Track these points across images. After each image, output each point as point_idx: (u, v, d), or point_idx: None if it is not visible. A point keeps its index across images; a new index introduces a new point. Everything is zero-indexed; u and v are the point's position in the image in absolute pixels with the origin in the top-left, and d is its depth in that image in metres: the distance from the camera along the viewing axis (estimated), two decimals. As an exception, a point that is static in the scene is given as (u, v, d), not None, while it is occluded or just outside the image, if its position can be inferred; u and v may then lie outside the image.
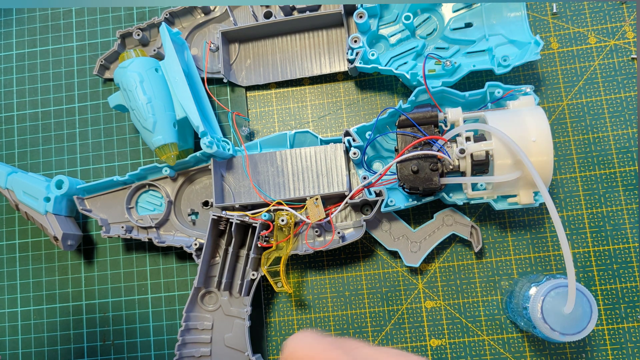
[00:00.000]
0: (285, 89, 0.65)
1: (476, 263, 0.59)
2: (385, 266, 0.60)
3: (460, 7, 0.59)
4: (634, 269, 0.56)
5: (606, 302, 0.56)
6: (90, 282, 0.63)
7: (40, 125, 0.67)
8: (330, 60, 0.63)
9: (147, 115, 0.55)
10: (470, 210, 0.59)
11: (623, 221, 0.57)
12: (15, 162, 0.66)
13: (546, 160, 0.48)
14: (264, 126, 0.64)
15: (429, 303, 0.59)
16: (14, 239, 0.65)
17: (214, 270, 0.58)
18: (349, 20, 0.62)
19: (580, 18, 0.62)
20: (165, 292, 0.62)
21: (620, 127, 0.59)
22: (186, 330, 0.57)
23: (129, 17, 0.68)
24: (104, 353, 0.61)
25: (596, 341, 0.56)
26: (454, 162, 0.50)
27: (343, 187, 0.56)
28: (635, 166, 0.58)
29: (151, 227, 0.59)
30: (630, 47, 0.60)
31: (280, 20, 0.61)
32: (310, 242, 0.57)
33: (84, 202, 0.60)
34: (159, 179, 0.60)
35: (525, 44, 0.56)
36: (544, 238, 0.58)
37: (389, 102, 0.63)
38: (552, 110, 0.60)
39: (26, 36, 0.69)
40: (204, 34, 0.65)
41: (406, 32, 0.60)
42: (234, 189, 0.59)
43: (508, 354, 0.56)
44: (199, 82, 0.62)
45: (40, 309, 0.63)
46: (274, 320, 0.60)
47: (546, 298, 0.47)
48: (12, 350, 0.62)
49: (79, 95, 0.67)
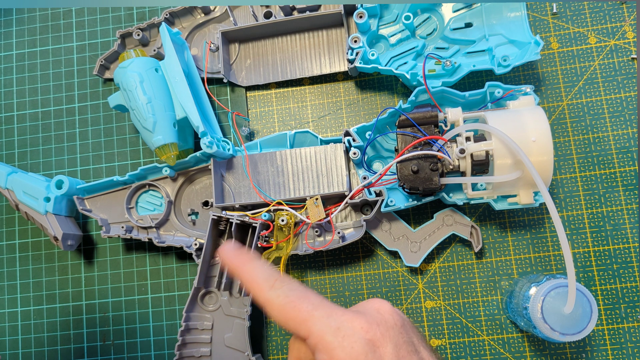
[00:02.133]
0: (285, 89, 0.65)
1: (476, 263, 0.59)
2: (385, 266, 0.60)
3: (460, 7, 0.59)
4: (634, 269, 0.56)
5: (606, 302, 0.56)
6: (90, 282, 0.63)
7: (40, 125, 0.67)
8: (330, 60, 0.63)
9: (147, 115, 0.55)
10: (470, 210, 0.59)
11: (623, 221, 0.57)
12: (15, 162, 0.66)
13: (546, 160, 0.48)
14: (264, 126, 0.64)
15: (429, 303, 0.59)
16: (14, 239, 0.65)
17: (214, 270, 0.58)
18: (349, 20, 0.62)
19: (580, 18, 0.62)
20: (165, 292, 0.62)
21: (620, 127, 0.59)
22: (186, 330, 0.57)
23: (129, 17, 0.68)
24: (104, 353, 0.61)
25: (596, 341, 0.56)
26: (454, 162, 0.50)
27: (343, 187, 0.56)
28: (635, 166, 0.58)
29: (151, 227, 0.59)
30: (630, 47, 0.60)
31: (280, 20, 0.61)
32: (310, 242, 0.57)
33: (84, 202, 0.60)
34: (159, 179, 0.60)
35: (525, 44, 0.56)
36: (544, 238, 0.58)
37: (389, 102, 0.63)
38: (552, 110, 0.60)
39: (26, 36, 0.69)
40: (204, 34, 0.65)
41: (406, 32, 0.60)
42: (234, 189, 0.59)
43: (508, 354, 0.56)
44: (199, 82, 0.62)
45: (40, 309, 0.63)
46: (274, 320, 0.60)
47: (546, 298, 0.47)
48: (12, 350, 0.62)
49: (79, 95, 0.67)
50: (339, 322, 0.34)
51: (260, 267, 0.38)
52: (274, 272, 0.38)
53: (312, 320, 0.34)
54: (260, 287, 0.37)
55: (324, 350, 0.33)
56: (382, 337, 0.34)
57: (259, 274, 0.38)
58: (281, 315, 0.36)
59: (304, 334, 0.35)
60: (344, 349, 0.33)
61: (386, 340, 0.34)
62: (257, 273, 0.38)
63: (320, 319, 0.34)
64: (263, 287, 0.37)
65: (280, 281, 0.37)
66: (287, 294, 0.36)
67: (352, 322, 0.34)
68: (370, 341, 0.34)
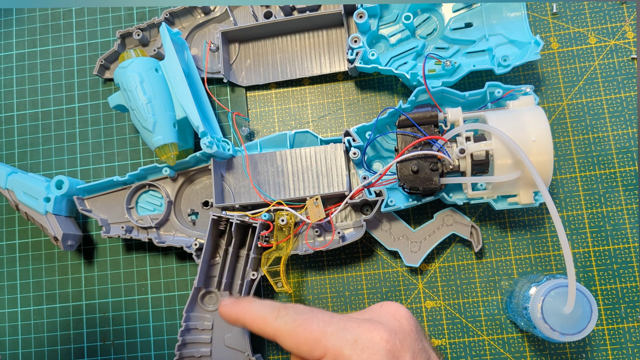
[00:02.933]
0: (285, 89, 0.65)
1: (476, 263, 0.59)
2: (385, 266, 0.60)
3: (460, 7, 0.59)
4: (634, 269, 0.56)
5: (606, 302, 0.56)
6: (90, 282, 0.63)
7: (40, 125, 0.67)
8: (330, 60, 0.63)
9: (147, 115, 0.55)
10: (470, 210, 0.59)
11: (623, 221, 0.57)
12: (15, 162, 0.66)
13: (546, 160, 0.48)
14: (264, 126, 0.64)
15: (429, 303, 0.59)
16: (14, 239, 0.65)
17: (214, 270, 0.58)
18: (349, 20, 0.62)
19: (580, 18, 0.62)
20: (165, 292, 0.62)
21: (620, 127, 0.59)
22: (186, 330, 0.57)
23: (129, 17, 0.68)
24: (104, 353, 0.61)
25: (596, 341, 0.56)
26: (454, 162, 0.50)
27: (343, 187, 0.56)
28: (635, 166, 0.58)
29: (151, 227, 0.59)
30: (630, 47, 0.60)
31: (280, 20, 0.61)
32: (310, 242, 0.57)
33: (84, 202, 0.60)
34: (159, 179, 0.60)
35: (525, 44, 0.56)
36: (544, 238, 0.58)
37: (389, 102, 0.63)
38: (552, 110, 0.60)
39: (26, 36, 0.69)
40: (204, 34, 0.65)
41: (406, 32, 0.60)
42: (234, 189, 0.59)
43: (508, 354, 0.56)
44: (199, 82, 0.62)
45: (40, 309, 0.63)
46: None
47: (546, 298, 0.47)
48: (12, 350, 0.62)
49: (79, 95, 0.67)
50: (356, 334, 0.33)
51: (261, 303, 0.37)
52: (276, 304, 0.37)
53: (326, 338, 0.33)
54: (265, 320, 0.36)
55: None
56: (401, 346, 0.33)
57: (261, 309, 0.37)
58: (292, 340, 0.34)
59: (319, 353, 0.33)
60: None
61: (405, 349, 0.34)
62: (260, 309, 0.37)
63: (334, 335, 0.33)
64: (268, 319, 0.36)
65: (284, 309, 0.36)
66: (294, 319, 0.35)
67: (370, 333, 0.33)
68: (390, 352, 0.33)
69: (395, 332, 0.34)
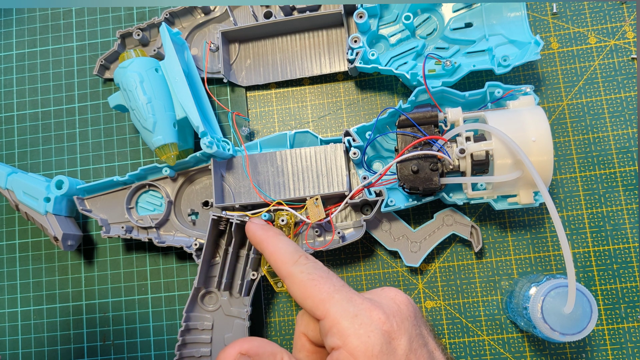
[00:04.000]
0: (285, 89, 0.65)
1: (476, 263, 0.59)
2: (385, 266, 0.60)
3: (460, 7, 0.59)
4: (634, 269, 0.56)
5: (606, 302, 0.56)
6: (90, 282, 0.63)
7: (40, 125, 0.67)
8: (330, 60, 0.63)
9: (147, 115, 0.55)
10: (470, 210, 0.59)
11: (623, 221, 0.57)
12: (15, 162, 0.66)
13: (546, 160, 0.48)
14: (264, 126, 0.64)
15: (429, 303, 0.59)
16: (14, 239, 0.65)
17: (214, 270, 0.58)
18: (349, 20, 0.62)
19: (580, 18, 0.62)
20: (165, 292, 0.62)
21: (620, 127, 0.59)
22: (186, 330, 0.57)
23: (129, 17, 0.68)
24: (104, 353, 0.61)
25: (596, 341, 0.56)
26: (454, 162, 0.50)
27: (343, 187, 0.56)
28: (635, 166, 0.58)
29: (151, 227, 0.59)
30: (630, 47, 0.60)
31: (280, 20, 0.61)
32: (310, 242, 0.57)
33: (84, 202, 0.60)
34: (159, 179, 0.60)
35: (525, 44, 0.56)
36: (544, 238, 0.58)
37: (389, 102, 0.63)
38: (552, 110, 0.60)
39: (26, 36, 0.69)
40: (204, 34, 0.65)
41: (406, 32, 0.60)
42: (234, 189, 0.59)
43: (508, 354, 0.56)
44: (199, 82, 0.62)
45: (40, 309, 0.63)
46: (274, 320, 0.60)
47: (546, 298, 0.47)
48: (12, 350, 0.62)
49: (79, 95, 0.67)
50: (358, 309, 0.34)
51: (287, 241, 0.38)
52: (299, 249, 0.38)
53: (331, 302, 0.34)
54: (283, 260, 0.37)
55: (338, 335, 0.33)
56: (398, 329, 0.34)
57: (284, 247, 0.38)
58: (301, 291, 0.35)
59: (320, 314, 0.34)
60: (359, 337, 0.33)
61: (401, 332, 0.34)
62: (283, 246, 0.38)
63: (339, 302, 0.34)
64: (287, 260, 0.37)
65: (305, 257, 0.37)
66: (311, 272, 0.36)
67: (371, 311, 0.34)
68: (387, 332, 0.33)
69: (393, 315, 0.35)
